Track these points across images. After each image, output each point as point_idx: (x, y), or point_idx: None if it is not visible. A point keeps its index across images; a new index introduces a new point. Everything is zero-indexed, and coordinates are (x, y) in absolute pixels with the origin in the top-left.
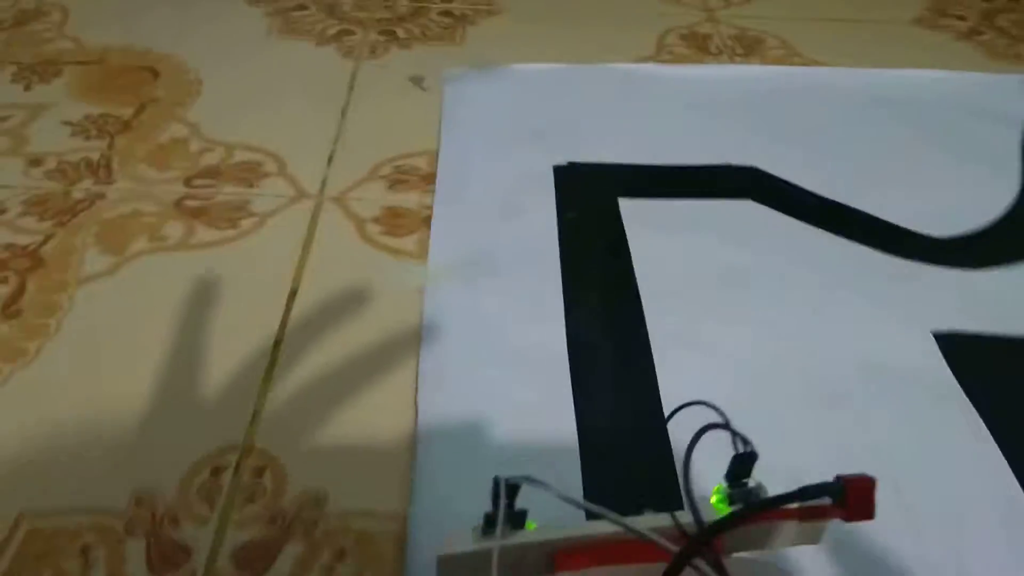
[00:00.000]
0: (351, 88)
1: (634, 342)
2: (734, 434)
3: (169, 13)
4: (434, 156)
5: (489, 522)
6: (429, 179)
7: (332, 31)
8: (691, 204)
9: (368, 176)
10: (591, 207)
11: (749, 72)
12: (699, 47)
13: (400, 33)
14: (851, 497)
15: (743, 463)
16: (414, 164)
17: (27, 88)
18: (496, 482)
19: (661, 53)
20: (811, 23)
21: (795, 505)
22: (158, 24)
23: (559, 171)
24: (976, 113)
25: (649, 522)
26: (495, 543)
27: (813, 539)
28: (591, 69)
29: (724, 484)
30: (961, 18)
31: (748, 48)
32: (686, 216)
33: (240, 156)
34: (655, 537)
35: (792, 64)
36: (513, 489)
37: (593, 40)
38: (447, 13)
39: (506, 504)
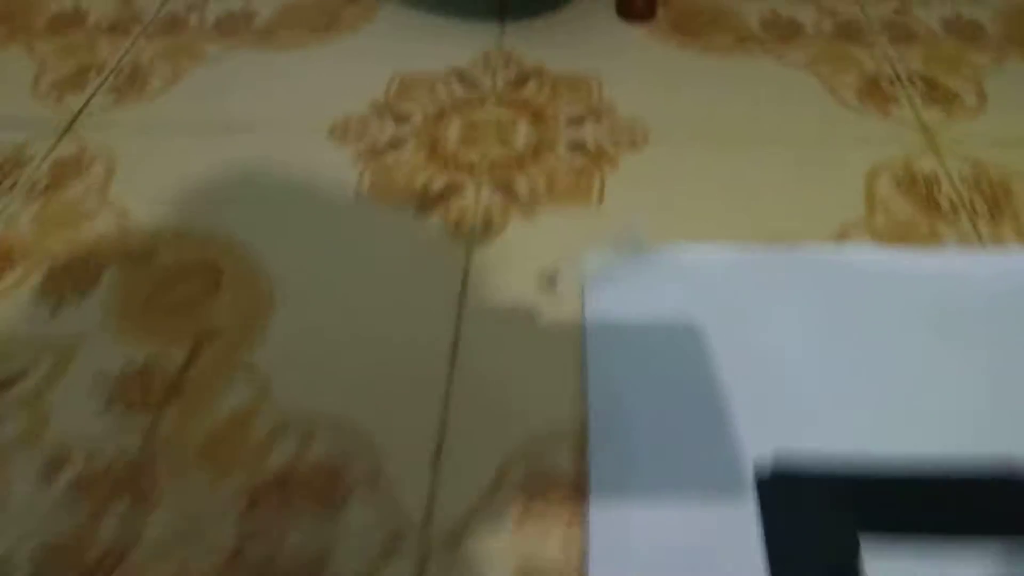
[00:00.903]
0: (462, 300)
1: None
2: None
3: (237, 155)
4: (582, 439)
5: None
6: (578, 493)
7: (437, 185)
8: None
9: (492, 487)
10: (820, 557)
11: (1009, 265)
12: (923, 201)
13: (520, 188)
14: None
15: None
16: (555, 462)
17: (55, 312)
18: None
19: (872, 213)
20: None
21: None
22: (222, 180)
23: (763, 484)
24: None
25: None
26: None
27: None
28: (782, 259)
29: None
30: None
31: (993, 203)
32: None
33: (320, 446)
34: None
35: None
36: None
37: (774, 184)
38: (579, 146)
39: None
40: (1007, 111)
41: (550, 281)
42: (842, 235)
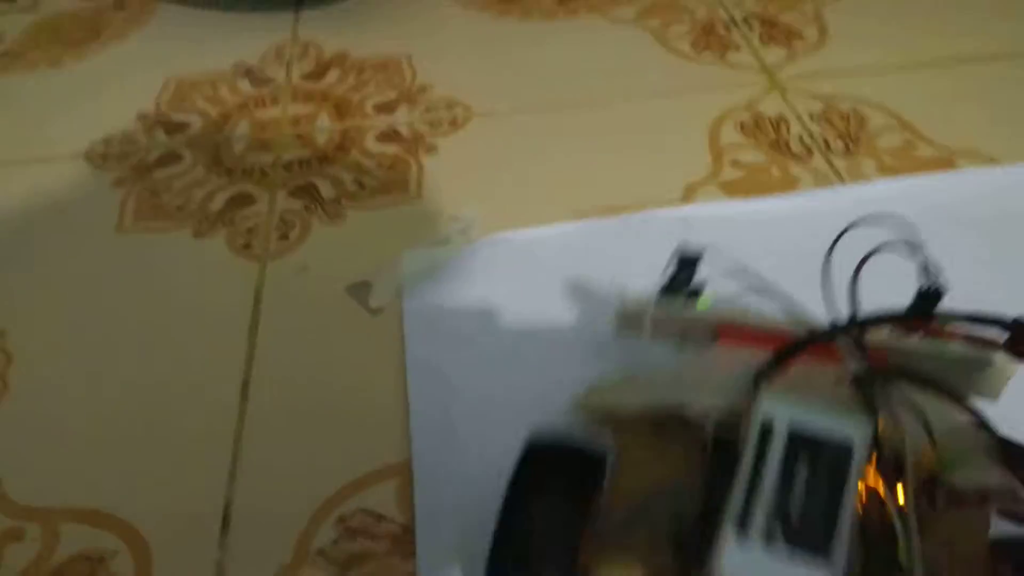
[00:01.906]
0: (253, 331)
1: None
2: (922, 262)
3: None
4: (409, 476)
5: (667, 290)
6: (406, 545)
7: (219, 201)
8: None
9: (295, 558)
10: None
11: (864, 195)
12: (773, 144)
13: (324, 188)
14: None
15: (927, 299)
16: (377, 505)
17: None
18: (681, 251)
19: (719, 165)
20: (922, 72)
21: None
22: None
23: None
24: None
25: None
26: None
27: (992, 392)
28: (618, 227)
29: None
30: None
31: (847, 136)
32: None
33: (68, 542)
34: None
35: (925, 158)
36: (694, 262)
37: (610, 150)
38: (391, 136)
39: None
40: (850, 40)
41: (362, 293)
42: (688, 194)
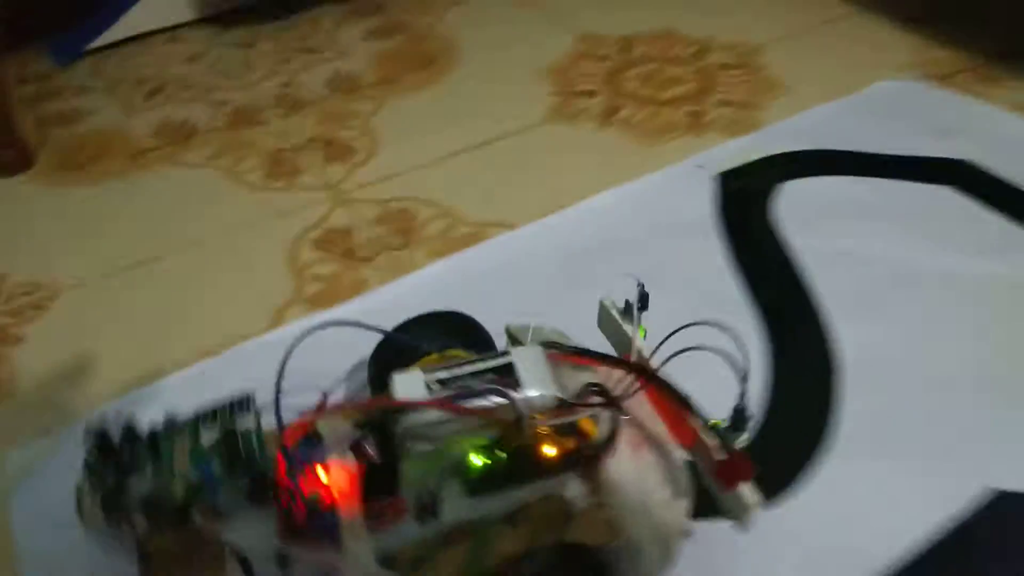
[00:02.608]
0: None
1: None
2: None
3: None
4: None
5: None
6: None
7: None
8: None
9: None
10: None
11: (431, 274)
12: (344, 253)
13: None
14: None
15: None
16: None
17: None
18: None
19: (301, 285)
20: (454, 161)
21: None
22: None
23: None
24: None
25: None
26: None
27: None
28: (208, 372)
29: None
30: (590, 94)
31: (403, 233)
32: None
33: None
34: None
35: (464, 235)
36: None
37: (196, 295)
38: None
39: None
40: (396, 145)
41: None
42: (278, 317)
